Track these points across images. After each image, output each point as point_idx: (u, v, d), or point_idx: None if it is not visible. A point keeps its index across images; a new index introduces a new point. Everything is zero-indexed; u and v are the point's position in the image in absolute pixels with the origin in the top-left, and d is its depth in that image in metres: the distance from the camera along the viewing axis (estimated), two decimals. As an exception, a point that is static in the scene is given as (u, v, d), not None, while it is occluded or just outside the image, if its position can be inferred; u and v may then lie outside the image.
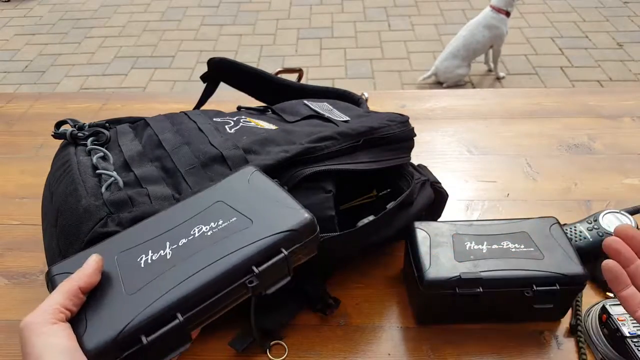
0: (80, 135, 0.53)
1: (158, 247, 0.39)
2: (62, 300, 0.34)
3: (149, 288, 0.36)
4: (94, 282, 0.36)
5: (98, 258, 0.37)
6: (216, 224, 0.40)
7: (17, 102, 0.95)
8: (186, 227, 0.40)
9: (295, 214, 0.40)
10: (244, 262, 0.37)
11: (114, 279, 0.37)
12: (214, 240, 0.38)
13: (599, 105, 0.88)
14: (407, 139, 0.59)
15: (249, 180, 0.44)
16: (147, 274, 0.37)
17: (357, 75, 2.54)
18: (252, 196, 0.42)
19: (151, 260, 0.38)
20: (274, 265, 0.37)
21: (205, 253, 0.37)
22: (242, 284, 0.37)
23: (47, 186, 0.52)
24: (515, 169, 0.76)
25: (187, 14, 3.19)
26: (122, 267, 0.37)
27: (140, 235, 0.40)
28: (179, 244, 0.39)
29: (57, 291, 0.34)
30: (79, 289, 0.35)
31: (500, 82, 2.46)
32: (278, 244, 0.38)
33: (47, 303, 0.33)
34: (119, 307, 0.35)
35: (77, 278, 0.35)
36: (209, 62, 0.72)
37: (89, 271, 0.36)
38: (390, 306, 0.57)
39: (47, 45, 2.92)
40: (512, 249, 0.52)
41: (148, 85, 2.56)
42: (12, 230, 0.68)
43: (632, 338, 0.48)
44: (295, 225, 0.39)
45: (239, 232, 0.39)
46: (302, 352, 0.53)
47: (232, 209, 0.41)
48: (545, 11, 3.01)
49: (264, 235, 0.38)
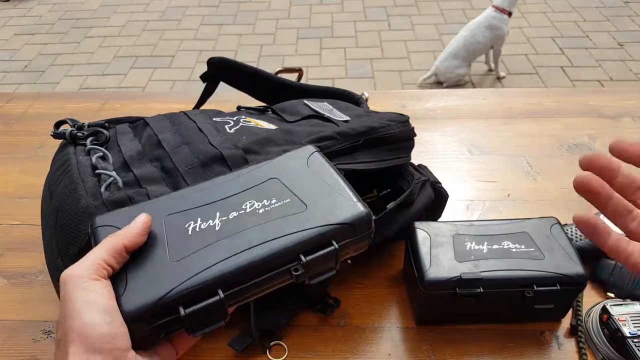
0: (80, 135, 0.53)
1: (208, 216, 0.37)
2: (105, 256, 0.33)
3: (194, 258, 0.34)
4: (140, 242, 0.35)
5: (147, 218, 0.36)
6: (269, 202, 0.38)
7: (17, 102, 0.95)
8: (238, 200, 0.39)
9: (351, 206, 0.38)
10: (293, 249, 0.35)
11: (159, 241, 0.36)
12: (265, 219, 0.37)
13: (600, 105, 0.88)
14: (407, 139, 0.59)
15: (307, 160, 0.42)
16: (194, 243, 0.35)
17: (357, 75, 2.54)
18: (309, 179, 0.40)
19: (199, 229, 0.36)
20: (323, 256, 0.36)
21: (255, 231, 0.36)
22: (287, 270, 0.36)
23: (47, 186, 0.52)
24: (515, 169, 0.76)
25: (186, 14, 3.19)
26: (169, 231, 0.36)
27: (191, 200, 0.39)
28: (229, 216, 0.37)
29: (102, 246, 0.34)
30: (124, 247, 0.34)
31: (501, 82, 2.46)
32: (330, 235, 0.36)
33: (91, 257, 0.33)
34: (162, 273, 0.34)
35: (124, 236, 0.34)
36: (209, 62, 0.72)
37: (136, 230, 0.35)
38: (390, 306, 0.57)
39: (46, 45, 2.93)
40: (512, 249, 0.52)
41: (147, 85, 2.56)
42: (12, 230, 0.68)
43: (633, 338, 0.48)
44: (350, 219, 0.37)
45: (291, 215, 0.37)
46: (302, 352, 0.53)
47: (287, 189, 0.39)
48: (545, 11, 3.01)
49: (316, 224, 0.37)
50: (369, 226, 0.39)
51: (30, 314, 0.57)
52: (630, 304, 0.51)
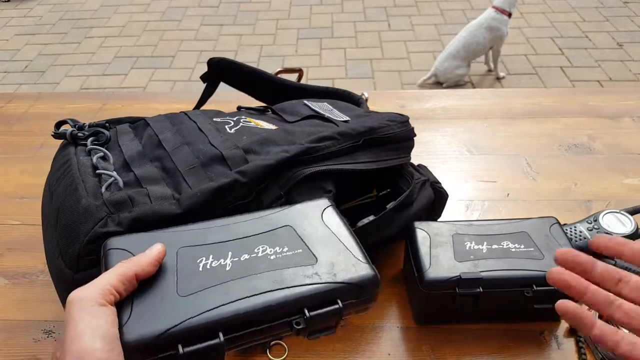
0: (80, 135, 0.53)
1: (220, 254, 0.38)
2: (115, 282, 0.33)
3: (202, 295, 0.34)
4: (151, 272, 0.35)
5: (162, 249, 0.36)
6: (281, 249, 0.39)
7: (17, 102, 0.95)
8: (251, 243, 0.39)
9: (362, 268, 0.39)
10: (299, 301, 0.36)
11: (169, 273, 0.36)
12: (275, 267, 0.37)
13: (599, 105, 0.88)
14: (407, 139, 0.59)
15: (322, 214, 0.43)
16: (203, 280, 0.36)
17: (357, 75, 2.54)
18: (322, 232, 0.41)
19: (210, 266, 0.37)
20: (326, 314, 0.36)
21: (264, 277, 0.36)
22: (289, 322, 0.36)
23: (47, 186, 0.52)
24: (515, 169, 0.76)
25: (187, 14, 3.19)
26: (180, 263, 0.37)
27: (205, 235, 0.39)
28: (241, 258, 0.38)
29: (113, 272, 0.34)
30: (135, 275, 0.34)
31: (500, 82, 2.46)
32: (337, 294, 0.37)
33: (101, 281, 0.33)
34: (167, 306, 0.34)
35: (136, 264, 0.34)
36: (209, 62, 0.72)
37: (149, 260, 0.35)
38: (390, 306, 0.57)
39: (47, 45, 2.93)
40: (512, 249, 0.52)
41: (148, 85, 2.56)
42: (12, 230, 0.68)
43: (632, 338, 0.48)
44: (359, 280, 0.38)
45: (301, 266, 0.38)
46: (302, 352, 0.53)
47: (300, 239, 0.40)
48: (545, 11, 3.01)
49: (325, 280, 0.37)
50: (376, 289, 0.39)
51: (31, 314, 0.57)
52: (629, 304, 0.51)
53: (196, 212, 0.44)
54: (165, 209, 0.43)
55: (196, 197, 0.44)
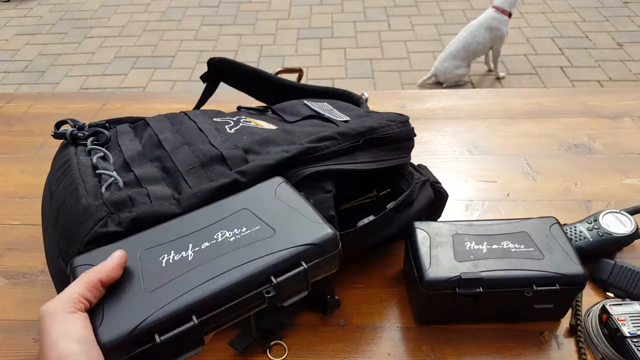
0: (80, 135, 0.53)
1: (180, 248, 0.39)
2: (82, 290, 0.34)
3: (168, 287, 0.36)
4: (115, 277, 0.36)
5: (122, 254, 0.38)
6: (239, 230, 0.40)
7: (17, 102, 0.95)
8: (210, 231, 0.40)
9: (318, 229, 0.40)
10: (263, 271, 0.37)
11: (134, 275, 0.37)
12: (236, 246, 0.39)
13: (599, 105, 0.88)
14: (407, 139, 0.59)
15: (275, 191, 0.44)
16: (168, 273, 0.37)
17: (357, 75, 2.54)
18: (277, 207, 0.42)
19: (172, 261, 0.38)
20: (293, 277, 0.38)
21: (226, 258, 0.38)
22: (259, 293, 0.37)
23: (47, 186, 0.52)
24: (515, 169, 0.76)
25: (187, 14, 3.19)
26: (143, 264, 0.38)
27: (164, 234, 0.40)
28: (202, 246, 0.39)
29: (78, 281, 0.35)
30: (100, 281, 0.35)
31: (500, 82, 2.46)
32: (298, 256, 0.38)
33: (68, 292, 0.34)
34: (137, 303, 0.35)
35: (99, 271, 0.36)
36: (209, 62, 0.72)
37: (111, 265, 0.36)
38: (390, 306, 0.57)
39: (47, 45, 2.93)
40: (512, 249, 0.52)
41: (148, 85, 2.56)
42: (12, 230, 0.68)
43: (632, 338, 0.48)
44: (318, 240, 0.39)
45: (261, 240, 0.39)
46: (302, 352, 0.53)
47: (256, 217, 0.41)
48: (545, 11, 3.01)
49: (285, 247, 0.38)
50: (336, 246, 0.40)
51: (31, 314, 0.57)
52: (629, 304, 0.51)
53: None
54: (165, 209, 0.43)
55: (196, 197, 0.44)
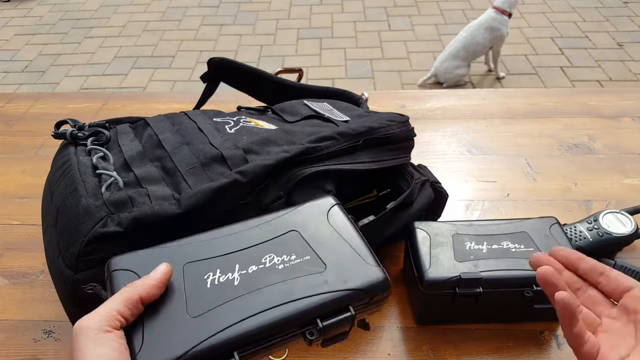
0: (81, 135, 0.53)
1: (227, 267, 0.37)
2: (120, 307, 0.32)
3: (213, 315, 0.34)
4: (157, 295, 0.34)
5: (168, 269, 0.35)
6: (289, 257, 0.38)
7: (17, 102, 0.95)
8: (258, 252, 0.38)
9: (371, 272, 0.38)
10: (311, 313, 0.35)
11: (177, 293, 0.35)
12: (284, 277, 0.37)
13: (599, 105, 0.88)
14: (407, 139, 0.59)
15: (327, 214, 0.42)
16: (213, 297, 0.35)
17: (357, 75, 2.54)
18: (328, 235, 0.40)
19: (218, 282, 0.36)
20: (339, 322, 0.36)
21: (274, 290, 0.36)
22: (302, 333, 0.36)
23: (47, 186, 0.52)
24: (515, 169, 0.76)
25: (187, 14, 3.19)
26: (188, 281, 0.36)
27: (210, 247, 0.38)
28: (249, 270, 0.37)
29: (117, 297, 0.33)
30: (140, 299, 0.33)
31: (500, 82, 2.46)
32: (348, 301, 0.36)
33: (105, 308, 0.32)
34: (180, 329, 0.33)
35: (140, 287, 0.33)
36: (209, 62, 0.72)
37: (154, 282, 0.34)
38: (390, 306, 0.57)
39: (47, 45, 2.93)
40: (512, 249, 0.52)
41: (148, 85, 2.56)
42: (12, 230, 0.68)
43: (632, 338, 0.48)
44: (370, 285, 0.37)
45: (311, 275, 0.37)
46: (302, 352, 0.53)
47: (307, 244, 0.39)
48: (545, 11, 3.01)
49: (336, 288, 0.36)
50: (386, 290, 0.38)
51: (31, 314, 0.57)
52: (629, 304, 0.51)
53: (196, 212, 0.44)
54: (165, 209, 0.43)
55: (196, 197, 0.44)
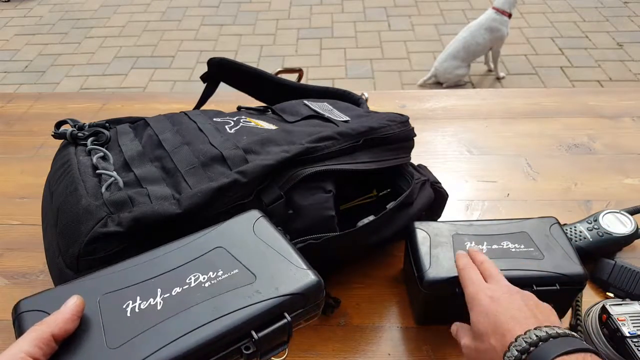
0: (81, 135, 0.53)
1: (148, 293, 0.34)
2: (29, 348, 0.29)
3: (135, 344, 0.31)
4: (70, 330, 0.31)
5: (79, 301, 0.33)
6: (215, 274, 0.36)
7: (17, 102, 0.95)
8: (181, 274, 0.36)
9: (302, 275, 0.37)
10: (244, 326, 0.33)
11: (94, 326, 0.32)
12: (212, 294, 0.35)
13: (599, 105, 0.88)
14: (407, 139, 0.59)
15: (253, 227, 0.41)
16: (134, 326, 0.32)
17: (357, 75, 2.54)
18: (256, 246, 0.39)
19: (139, 309, 0.33)
20: (275, 331, 0.34)
21: (201, 308, 0.34)
22: (237, 349, 0.33)
23: (47, 186, 0.52)
24: (515, 169, 0.76)
25: (187, 14, 3.19)
26: (105, 313, 0.33)
27: (129, 275, 0.36)
28: (172, 292, 0.35)
29: (26, 337, 0.30)
30: (52, 336, 0.30)
31: (500, 82, 2.46)
32: (282, 307, 0.35)
33: (12, 351, 0.29)
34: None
35: (52, 323, 0.31)
36: (209, 62, 0.72)
37: (66, 316, 0.31)
38: (390, 306, 0.57)
39: (47, 45, 2.93)
40: (512, 249, 0.52)
41: (148, 85, 2.56)
42: (12, 230, 0.68)
43: (632, 338, 0.48)
44: (302, 289, 0.36)
45: (240, 287, 0.35)
46: (302, 352, 0.53)
47: (234, 258, 0.37)
48: (545, 11, 3.01)
49: (267, 297, 0.35)
50: (320, 294, 0.37)
51: (31, 314, 0.57)
52: (629, 304, 0.51)
53: (196, 212, 0.44)
54: (165, 209, 0.43)
55: (196, 197, 0.44)
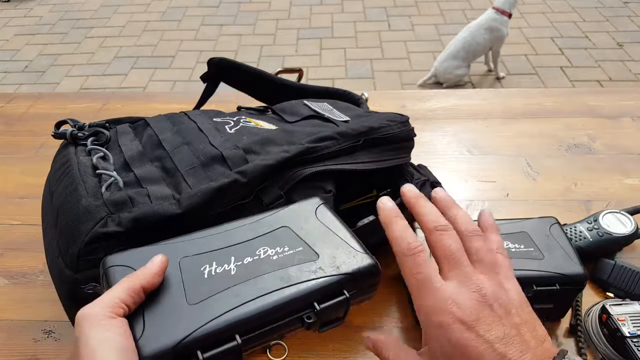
0: (81, 135, 0.53)
1: (223, 260, 0.38)
2: (123, 295, 0.32)
3: (212, 302, 0.34)
4: (156, 283, 0.35)
5: (164, 258, 0.36)
6: (282, 249, 0.39)
7: (17, 102, 0.95)
8: (252, 246, 0.39)
9: (360, 258, 0.40)
10: (308, 296, 0.36)
11: (175, 284, 0.36)
12: (279, 266, 0.38)
13: (599, 105, 0.88)
14: (407, 139, 0.59)
15: (316, 211, 0.43)
16: (211, 286, 0.35)
17: (357, 75, 2.54)
18: (319, 229, 0.41)
19: (215, 273, 0.37)
20: (335, 305, 0.37)
21: (270, 277, 0.37)
22: (300, 317, 0.36)
23: (47, 186, 0.52)
24: (515, 169, 0.76)
25: (187, 14, 3.19)
26: (185, 273, 0.36)
27: (205, 243, 0.39)
28: (244, 261, 0.38)
29: (119, 286, 0.33)
30: (142, 287, 0.33)
31: (500, 82, 2.46)
32: (342, 285, 0.37)
33: (108, 296, 0.32)
34: (180, 316, 0.34)
35: (141, 276, 0.34)
36: (209, 62, 0.72)
37: (153, 270, 0.35)
38: (390, 306, 0.57)
39: (47, 45, 2.93)
40: (512, 249, 0.52)
41: (148, 85, 2.56)
42: (12, 230, 0.68)
43: (632, 338, 0.48)
44: (361, 270, 0.39)
45: (305, 263, 0.38)
46: (302, 352, 0.53)
47: (298, 237, 0.40)
48: (545, 11, 3.01)
49: (329, 273, 0.37)
50: (377, 276, 0.40)
51: (31, 314, 0.57)
52: (629, 304, 0.51)
53: (196, 212, 0.44)
54: (165, 209, 0.43)
55: (196, 197, 0.44)
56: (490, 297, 0.32)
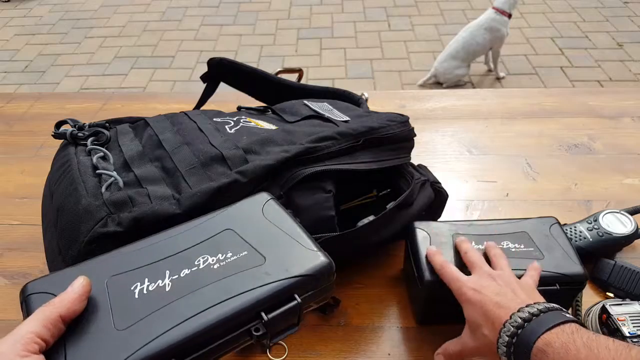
0: (81, 135, 0.53)
1: (156, 275, 0.34)
2: (37, 328, 0.29)
3: (143, 325, 0.31)
4: (77, 310, 0.31)
5: (86, 282, 0.32)
6: (224, 256, 0.36)
7: (17, 102, 0.95)
8: (190, 255, 0.36)
9: (312, 257, 0.36)
10: (253, 307, 0.33)
11: (102, 308, 0.32)
12: (221, 276, 0.34)
13: (599, 105, 0.88)
14: (407, 139, 0.59)
15: (262, 209, 0.40)
16: (142, 308, 0.32)
17: (357, 75, 2.54)
18: (266, 228, 0.38)
19: (147, 291, 0.33)
20: (285, 312, 0.34)
21: (210, 290, 0.33)
22: (247, 330, 0.33)
23: (47, 186, 0.52)
24: (515, 169, 0.76)
25: (187, 14, 3.19)
26: (112, 295, 0.33)
27: (136, 257, 0.35)
28: (181, 274, 0.34)
29: (33, 317, 0.30)
30: (60, 317, 0.30)
31: (500, 82, 2.46)
32: (292, 289, 0.34)
33: (20, 331, 0.29)
34: (107, 345, 0.30)
35: (59, 304, 0.31)
36: (209, 62, 0.72)
37: (73, 296, 0.31)
38: (390, 306, 0.57)
39: (47, 45, 2.93)
40: (512, 249, 0.52)
41: (148, 85, 2.56)
42: (12, 230, 0.68)
43: (632, 338, 0.48)
44: (312, 270, 0.35)
45: (249, 269, 0.35)
46: (302, 352, 0.53)
47: (243, 240, 0.37)
48: (545, 11, 3.01)
49: (277, 278, 0.34)
50: (332, 276, 0.37)
51: (31, 314, 0.57)
52: (629, 304, 0.51)
53: (196, 212, 0.44)
54: (165, 209, 0.43)
55: (196, 197, 0.44)
56: (495, 275, 0.46)
